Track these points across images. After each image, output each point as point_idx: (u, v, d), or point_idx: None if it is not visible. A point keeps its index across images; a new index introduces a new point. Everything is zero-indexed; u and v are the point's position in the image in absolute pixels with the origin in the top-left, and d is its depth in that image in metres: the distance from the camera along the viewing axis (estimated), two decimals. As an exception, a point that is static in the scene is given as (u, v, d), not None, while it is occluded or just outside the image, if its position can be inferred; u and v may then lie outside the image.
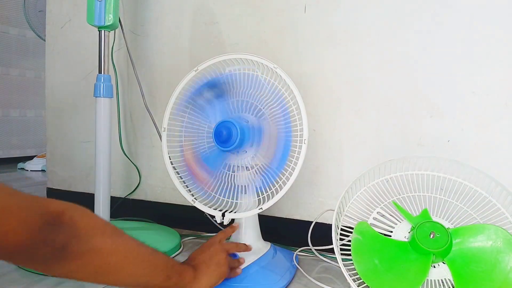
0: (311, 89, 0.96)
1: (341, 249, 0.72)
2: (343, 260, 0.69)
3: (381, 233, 0.73)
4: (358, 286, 0.67)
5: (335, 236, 0.71)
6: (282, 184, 0.75)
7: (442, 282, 0.67)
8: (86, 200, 1.26)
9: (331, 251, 0.82)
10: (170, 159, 0.83)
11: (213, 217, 0.78)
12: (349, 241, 0.73)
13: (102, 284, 0.55)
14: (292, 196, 0.99)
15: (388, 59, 0.89)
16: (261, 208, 0.74)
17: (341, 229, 0.76)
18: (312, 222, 0.93)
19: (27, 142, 2.61)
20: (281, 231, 1.00)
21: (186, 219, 1.11)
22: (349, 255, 0.70)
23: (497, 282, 0.64)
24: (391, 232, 0.74)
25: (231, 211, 0.77)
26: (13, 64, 2.51)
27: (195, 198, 0.80)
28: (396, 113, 0.89)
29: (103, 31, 0.94)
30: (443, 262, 0.68)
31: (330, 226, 0.73)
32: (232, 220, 0.81)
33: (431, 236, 0.68)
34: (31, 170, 2.27)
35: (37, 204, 0.42)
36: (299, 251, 0.93)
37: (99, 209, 0.94)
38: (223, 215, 0.77)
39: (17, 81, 2.54)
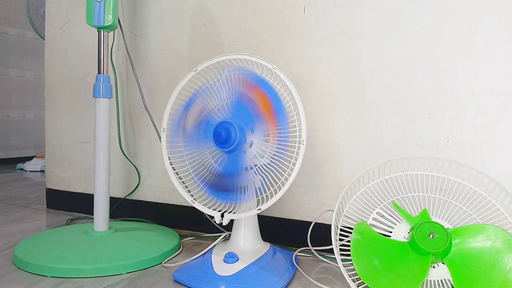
0: (310, 89, 0.96)
1: (340, 250, 0.72)
2: (342, 260, 0.69)
3: (380, 234, 0.73)
4: (357, 287, 0.67)
5: (334, 237, 0.71)
6: (281, 184, 0.75)
7: (442, 283, 0.67)
8: (85, 200, 1.27)
9: (331, 251, 0.82)
10: (169, 160, 0.83)
11: (212, 217, 0.78)
12: (349, 241, 0.73)
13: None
14: (291, 197, 0.99)
15: (387, 59, 0.89)
16: (260, 209, 0.75)
17: (341, 230, 0.76)
18: (311, 222, 0.93)
19: (26, 143, 2.61)
20: (281, 231, 1.00)
21: (186, 220, 1.11)
22: (349, 255, 0.70)
23: (496, 282, 0.64)
24: (391, 232, 0.74)
25: (230, 212, 0.77)
26: (12, 64, 2.51)
27: (194, 199, 0.80)
28: (395, 113, 0.89)
29: (102, 31, 0.94)
30: (443, 263, 0.68)
31: (329, 226, 0.73)
32: (232, 221, 0.81)
33: (431, 237, 0.68)
34: (30, 171, 2.28)
35: None
36: (299, 252, 0.93)
37: (98, 210, 0.94)
38: (222, 215, 0.77)
39: (16, 82, 2.54)
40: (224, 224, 0.77)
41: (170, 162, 0.83)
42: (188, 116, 0.80)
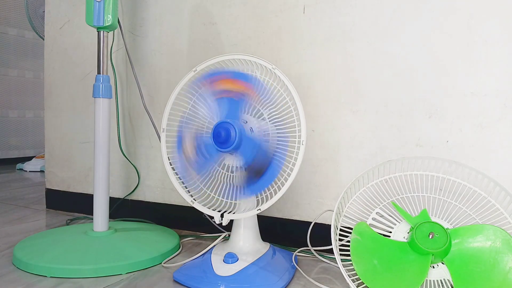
0: (309, 89, 0.96)
1: (340, 250, 0.72)
2: (342, 260, 0.69)
3: (380, 234, 0.73)
4: (357, 287, 0.67)
5: (334, 237, 0.71)
6: (281, 185, 0.75)
7: (441, 283, 0.67)
8: (85, 201, 1.27)
9: (330, 251, 0.82)
10: (169, 160, 0.83)
11: (211, 217, 0.78)
12: (348, 241, 0.73)
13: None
14: (291, 197, 0.99)
15: (387, 59, 0.89)
16: (259, 209, 0.75)
17: (340, 230, 0.76)
18: (311, 222, 0.93)
19: (26, 143, 2.61)
20: (280, 231, 1.00)
21: (185, 220, 1.11)
22: (348, 255, 0.70)
23: (496, 282, 0.64)
24: (390, 232, 0.74)
25: (230, 212, 0.77)
26: (12, 64, 2.51)
27: (194, 199, 0.80)
28: (395, 113, 0.89)
29: (102, 31, 0.94)
30: (442, 263, 0.68)
31: (329, 226, 0.73)
32: (231, 221, 0.81)
33: (430, 237, 0.68)
34: (29, 171, 2.27)
35: None
36: (298, 252, 0.92)
37: (98, 210, 0.94)
38: (221, 215, 0.77)
39: (16, 82, 2.54)
40: (223, 224, 0.77)
41: (170, 162, 0.83)
42: (184, 148, 0.80)
